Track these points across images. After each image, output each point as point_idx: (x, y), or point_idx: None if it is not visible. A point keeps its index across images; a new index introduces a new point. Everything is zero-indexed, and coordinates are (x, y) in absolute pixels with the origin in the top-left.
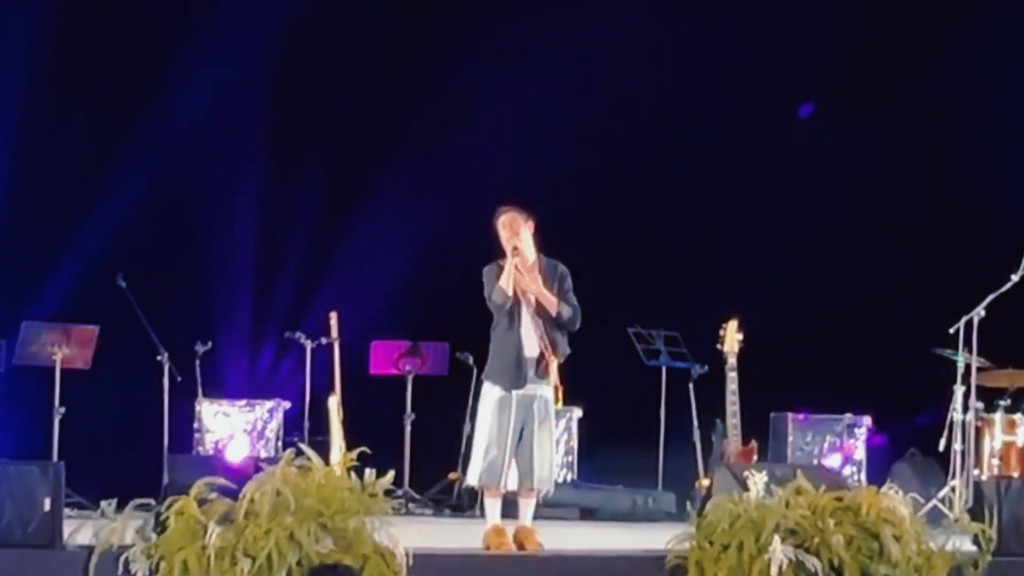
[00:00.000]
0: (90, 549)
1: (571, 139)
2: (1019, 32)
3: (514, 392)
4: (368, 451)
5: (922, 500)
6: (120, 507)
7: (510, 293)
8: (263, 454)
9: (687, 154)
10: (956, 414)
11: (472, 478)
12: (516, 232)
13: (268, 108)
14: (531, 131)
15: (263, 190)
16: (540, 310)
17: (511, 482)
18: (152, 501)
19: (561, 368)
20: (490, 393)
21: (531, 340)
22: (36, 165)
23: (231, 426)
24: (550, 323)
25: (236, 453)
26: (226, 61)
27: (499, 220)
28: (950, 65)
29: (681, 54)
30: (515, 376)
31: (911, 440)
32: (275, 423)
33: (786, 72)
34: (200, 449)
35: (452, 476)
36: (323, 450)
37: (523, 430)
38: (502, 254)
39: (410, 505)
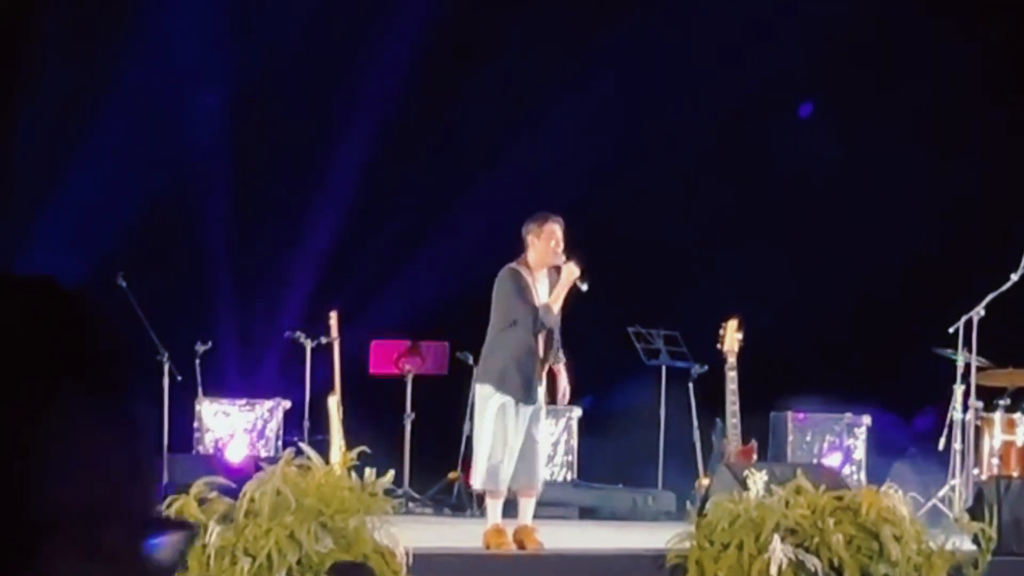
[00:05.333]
0: None
1: (570, 140)
2: (1019, 31)
3: (521, 402)
4: (368, 451)
5: (922, 500)
6: None
7: (557, 311)
8: (263, 454)
9: (687, 154)
10: (956, 414)
11: (476, 481)
12: (560, 246)
13: (269, 108)
14: (530, 131)
15: (263, 190)
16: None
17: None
18: None
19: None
20: (493, 399)
21: (539, 347)
22: (36, 164)
23: (231, 426)
24: (556, 330)
25: (236, 453)
26: (230, 60)
27: (543, 227)
28: (949, 65)
29: (679, 55)
30: (532, 391)
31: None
32: (275, 423)
33: (786, 72)
34: (200, 448)
35: (452, 476)
36: (323, 449)
37: (529, 433)
38: (519, 252)
39: (410, 505)
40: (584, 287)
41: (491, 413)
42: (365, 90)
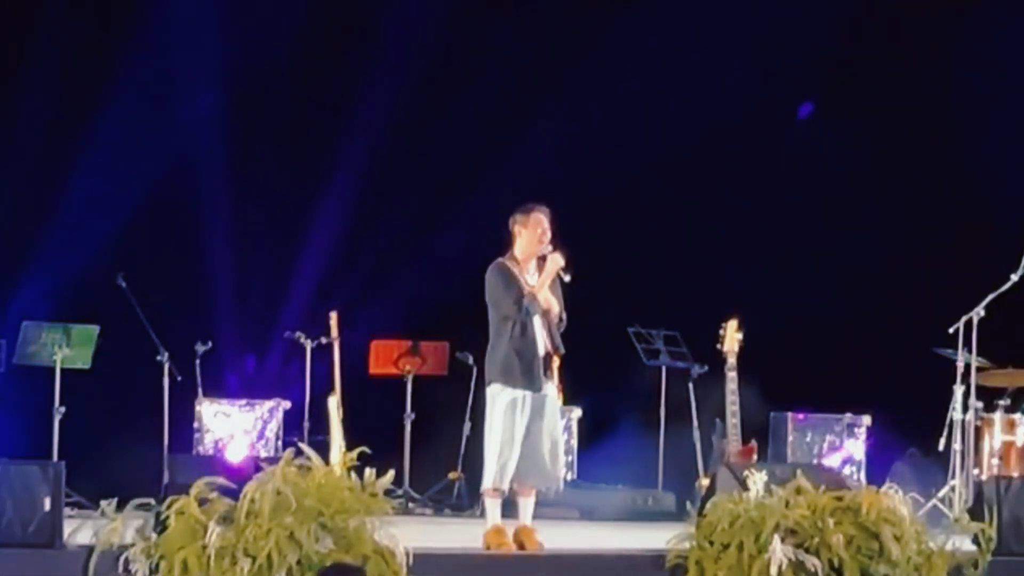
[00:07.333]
0: (90, 549)
1: (569, 140)
2: (1019, 32)
3: (528, 394)
4: (368, 451)
5: (922, 500)
6: (120, 507)
7: (544, 305)
8: (263, 454)
9: (687, 154)
10: (956, 414)
11: (486, 481)
12: (547, 235)
13: (269, 107)
14: (529, 131)
15: (263, 190)
16: (546, 310)
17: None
18: (152, 501)
19: (560, 366)
20: (502, 396)
21: (541, 340)
22: (36, 164)
23: (231, 426)
24: (553, 322)
25: (236, 453)
26: (226, 60)
27: (529, 216)
28: (950, 65)
29: (679, 55)
30: (535, 378)
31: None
32: (275, 423)
33: (785, 72)
34: (200, 449)
35: (452, 476)
36: (323, 450)
37: (532, 429)
38: (508, 246)
39: (410, 505)
40: (567, 278)
41: (500, 411)
42: (365, 89)
